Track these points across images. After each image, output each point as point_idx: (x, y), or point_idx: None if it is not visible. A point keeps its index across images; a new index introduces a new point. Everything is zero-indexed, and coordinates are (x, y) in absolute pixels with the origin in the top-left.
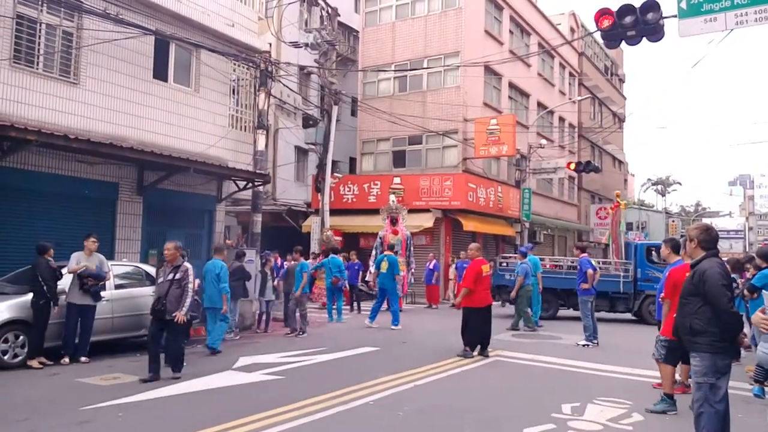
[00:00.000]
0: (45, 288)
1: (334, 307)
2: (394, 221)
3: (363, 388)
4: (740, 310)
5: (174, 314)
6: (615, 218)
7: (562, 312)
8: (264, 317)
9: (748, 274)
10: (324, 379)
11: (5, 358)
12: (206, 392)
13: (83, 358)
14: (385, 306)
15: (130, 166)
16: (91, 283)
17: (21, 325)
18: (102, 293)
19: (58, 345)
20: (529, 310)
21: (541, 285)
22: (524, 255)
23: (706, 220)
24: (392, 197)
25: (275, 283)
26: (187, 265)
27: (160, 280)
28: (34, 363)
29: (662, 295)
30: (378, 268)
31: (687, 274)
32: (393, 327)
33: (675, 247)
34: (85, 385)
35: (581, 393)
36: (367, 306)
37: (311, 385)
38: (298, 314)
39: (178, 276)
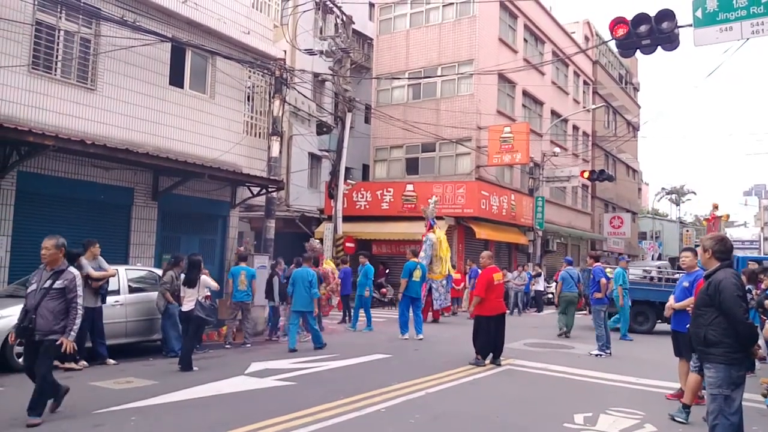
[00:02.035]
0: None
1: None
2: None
3: (375, 395)
4: (755, 321)
5: (49, 336)
6: (712, 230)
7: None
8: (273, 323)
9: (763, 285)
10: (336, 386)
11: (20, 360)
12: (218, 397)
13: (111, 361)
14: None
15: (145, 171)
16: (95, 285)
17: None
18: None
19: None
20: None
21: (622, 298)
22: (570, 263)
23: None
24: (432, 200)
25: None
26: (74, 271)
27: (32, 287)
28: (75, 365)
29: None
30: (408, 276)
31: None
32: (416, 336)
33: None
34: (99, 389)
35: (594, 403)
36: (377, 313)
37: (323, 391)
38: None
39: (58, 284)
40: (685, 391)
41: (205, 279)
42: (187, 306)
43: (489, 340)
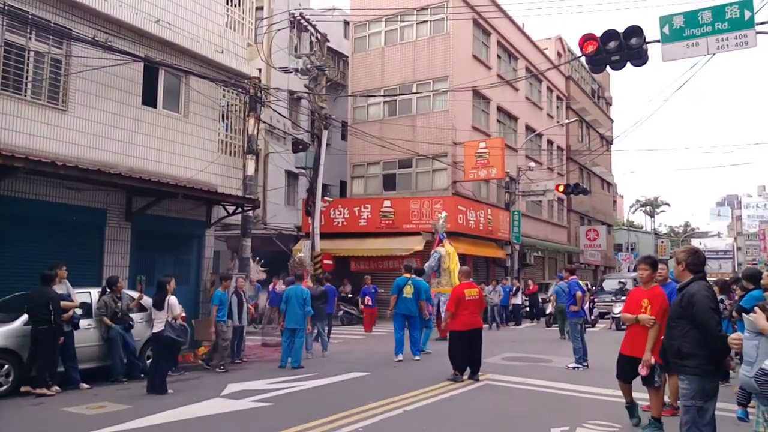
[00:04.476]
0: (52, 317)
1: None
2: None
3: (352, 414)
4: (728, 332)
5: None
6: None
7: None
8: (236, 343)
9: (736, 296)
10: (313, 406)
11: None
12: (193, 421)
13: (84, 385)
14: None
15: (118, 192)
16: (65, 317)
17: (6, 353)
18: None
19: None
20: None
21: None
22: (561, 279)
23: (695, 241)
24: (442, 215)
25: (250, 307)
26: None
27: None
28: (47, 391)
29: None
30: (397, 292)
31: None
32: (413, 357)
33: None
34: (71, 415)
35: (571, 416)
36: (356, 330)
37: (300, 412)
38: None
39: None
40: (651, 405)
41: (173, 300)
42: (157, 327)
43: (464, 355)
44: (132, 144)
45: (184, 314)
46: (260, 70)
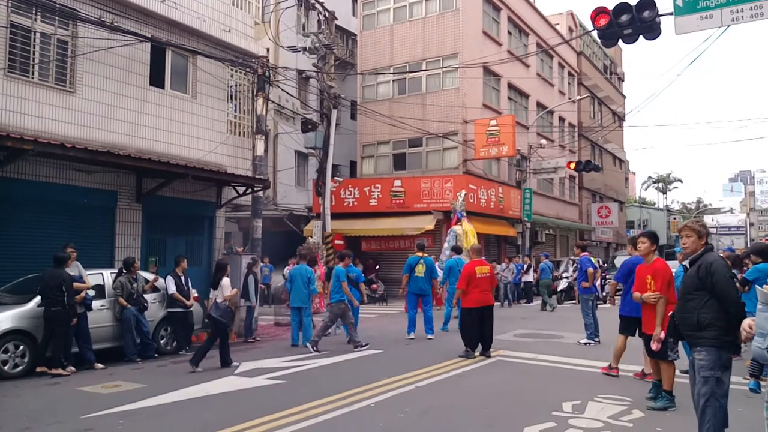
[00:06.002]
0: (65, 298)
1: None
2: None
3: (365, 390)
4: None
5: None
6: None
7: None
8: (246, 323)
9: (747, 269)
10: (326, 383)
11: (5, 368)
12: (208, 398)
13: (98, 365)
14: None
15: (128, 173)
16: (78, 298)
17: (21, 335)
18: (93, 302)
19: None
20: (546, 297)
21: None
22: (546, 257)
23: (707, 217)
24: (461, 194)
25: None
26: None
27: None
28: (63, 371)
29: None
30: (409, 271)
31: (686, 269)
32: (426, 336)
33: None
34: (87, 394)
35: (582, 391)
36: (368, 309)
37: (313, 388)
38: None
39: None
40: (663, 378)
41: (225, 282)
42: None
43: (475, 332)
44: (140, 125)
45: (197, 295)
46: (268, 49)
